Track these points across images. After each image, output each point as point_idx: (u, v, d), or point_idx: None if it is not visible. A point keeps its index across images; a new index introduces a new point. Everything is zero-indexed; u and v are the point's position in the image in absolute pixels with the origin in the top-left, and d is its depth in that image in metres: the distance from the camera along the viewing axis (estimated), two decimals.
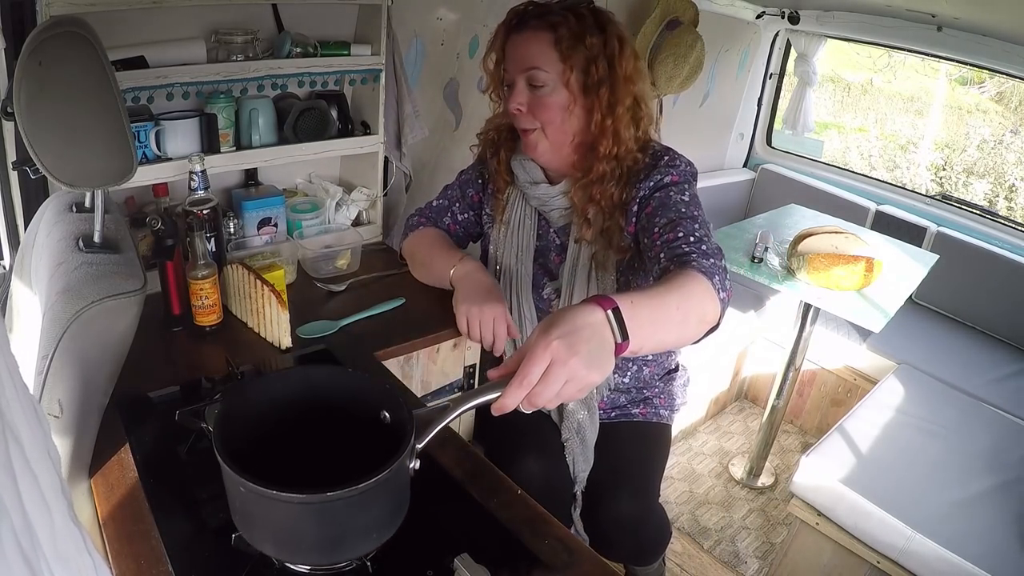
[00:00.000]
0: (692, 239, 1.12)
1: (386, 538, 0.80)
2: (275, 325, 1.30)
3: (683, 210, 1.19)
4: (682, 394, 1.57)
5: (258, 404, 0.85)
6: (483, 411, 0.82)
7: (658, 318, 0.92)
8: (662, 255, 1.14)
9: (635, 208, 1.29)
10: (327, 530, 0.75)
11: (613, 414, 1.49)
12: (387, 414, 0.85)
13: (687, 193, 1.23)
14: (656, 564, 1.57)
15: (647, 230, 1.22)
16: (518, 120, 1.30)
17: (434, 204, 1.55)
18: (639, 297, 0.90)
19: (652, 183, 1.27)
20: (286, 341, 1.30)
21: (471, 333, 1.35)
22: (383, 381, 0.87)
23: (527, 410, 0.79)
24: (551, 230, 1.43)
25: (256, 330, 1.35)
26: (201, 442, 0.99)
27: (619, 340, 0.83)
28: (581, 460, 1.39)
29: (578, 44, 1.21)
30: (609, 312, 0.83)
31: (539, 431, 1.40)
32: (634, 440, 1.46)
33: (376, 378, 0.88)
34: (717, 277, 1.03)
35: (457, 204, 1.52)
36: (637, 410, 1.50)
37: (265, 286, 1.28)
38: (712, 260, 1.07)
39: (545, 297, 1.44)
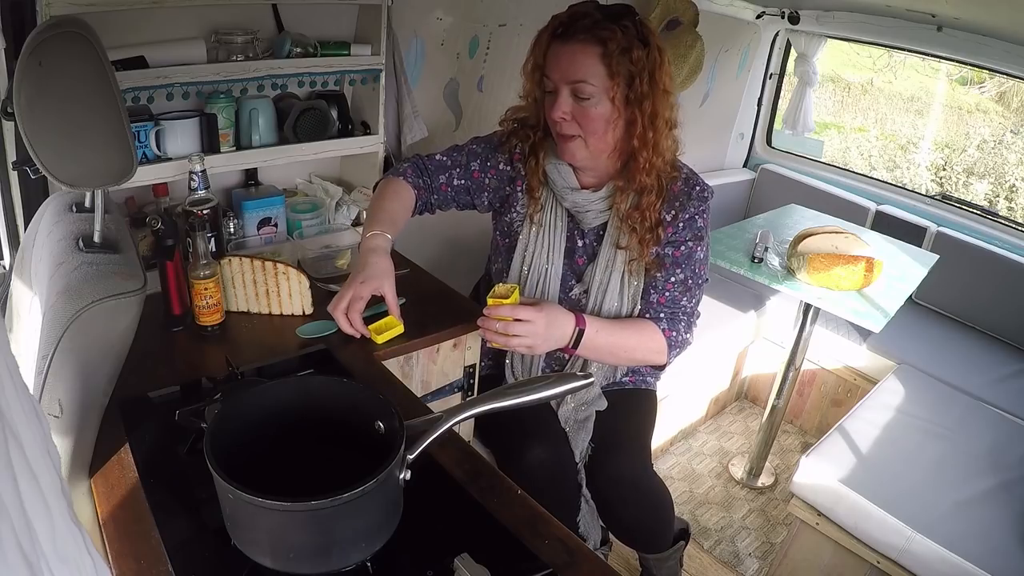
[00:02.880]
0: (689, 309, 1.43)
1: (376, 548, 0.80)
2: (295, 296, 1.40)
3: (698, 271, 1.43)
4: None
5: (255, 411, 0.86)
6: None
7: (606, 350, 1.38)
8: (664, 311, 1.42)
9: (670, 232, 1.40)
10: (314, 539, 0.75)
11: (605, 383, 1.56)
12: (381, 424, 0.85)
13: (707, 250, 1.44)
14: (668, 553, 1.61)
15: (664, 271, 1.41)
16: (560, 127, 1.30)
17: (437, 158, 1.48)
18: (606, 329, 1.36)
19: (688, 216, 1.39)
20: (308, 307, 1.41)
21: (334, 311, 1.27)
22: (378, 392, 0.87)
23: (492, 338, 1.28)
24: (581, 232, 1.46)
25: (268, 312, 1.41)
26: (201, 442, 0.99)
27: (571, 347, 1.34)
28: (582, 434, 1.47)
29: (624, 58, 1.23)
30: (577, 329, 1.32)
31: (542, 421, 1.45)
32: (626, 407, 1.55)
33: (371, 388, 0.88)
34: (677, 350, 1.42)
35: (458, 169, 1.47)
36: (627, 378, 1.61)
37: (274, 263, 1.37)
38: (687, 336, 1.43)
39: (573, 297, 1.48)
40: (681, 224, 1.39)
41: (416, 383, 1.44)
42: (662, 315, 1.42)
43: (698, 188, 1.40)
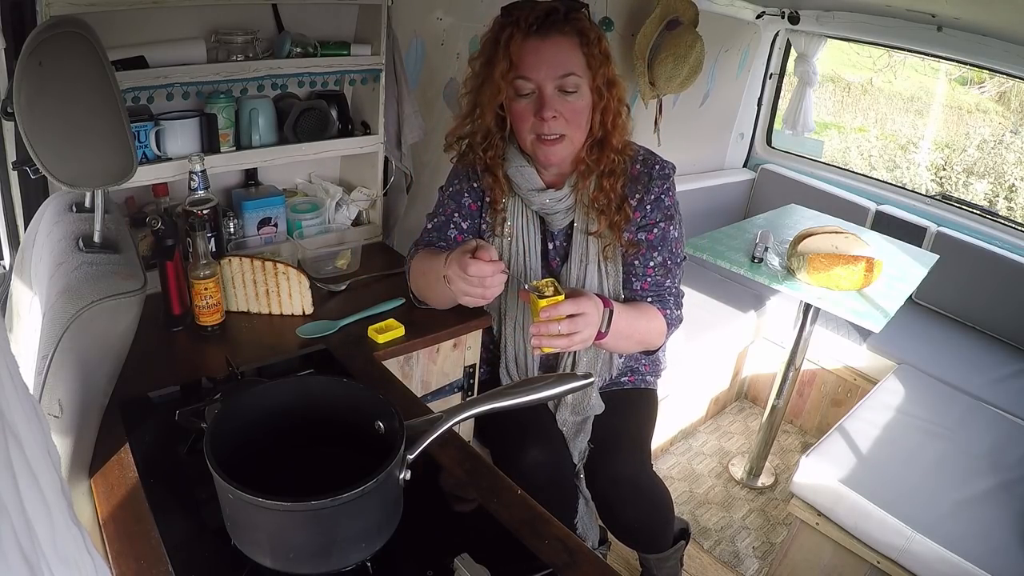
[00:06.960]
0: (675, 290, 1.42)
1: (376, 548, 0.81)
2: (295, 296, 1.40)
3: (675, 250, 1.40)
4: (664, 359, 1.66)
5: (255, 411, 0.86)
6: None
7: (624, 334, 1.30)
8: (650, 295, 1.40)
9: (638, 217, 1.37)
10: (314, 539, 0.75)
11: (603, 384, 1.55)
12: (381, 424, 0.85)
13: (679, 227, 1.42)
14: (668, 553, 1.60)
15: (642, 256, 1.39)
16: (546, 127, 1.23)
17: (429, 227, 1.45)
18: (624, 311, 1.29)
19: (653, 197, 1.36)
20: (308, 307, 1.43)
21: (472, 294, 1.18)
22: (378, 392, 0.87)
23: (550, 343, 1.15)
24: (552, 235, 1.43)
25: (268, 312, 1.42)
26: (201, 442, 0.99)
27: (603, 331, 1.23)
28: (580, 437, 1.46)
29: (597, 47, 1.23)
30: (607, 311, 1.24)
31: (540, 424, 1.44)
32: (625, 407, 1.54)
33: (371, 388, 0.88)
34: (673, 328, 1.41)
35: (456, 215, 1.43)
36: (626, 378, 1.59)
37: (274, 263, 1.37)
38: (679, 313, 1.42)
39: None
40: (649, 207, 1.36)
41: (416, 383, 1.44)
42: (649, 299, 1.39)
43: (658, 167, 1.37)
